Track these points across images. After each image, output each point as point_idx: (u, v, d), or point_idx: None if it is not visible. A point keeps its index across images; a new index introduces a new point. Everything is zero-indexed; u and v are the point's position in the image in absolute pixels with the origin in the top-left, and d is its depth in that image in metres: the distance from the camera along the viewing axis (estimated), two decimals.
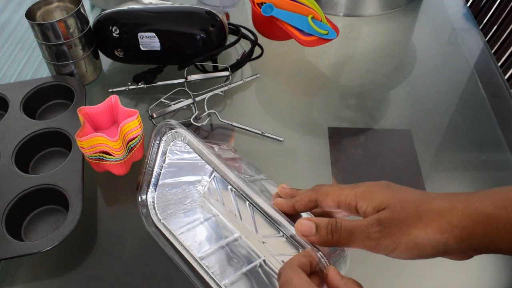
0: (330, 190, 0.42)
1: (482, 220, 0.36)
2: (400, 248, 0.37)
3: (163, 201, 0.57)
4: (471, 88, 0.82)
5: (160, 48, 0.76)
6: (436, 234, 0.36)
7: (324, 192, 0.43)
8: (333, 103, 0.81)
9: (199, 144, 0.50)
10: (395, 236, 0.37)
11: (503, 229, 0.35)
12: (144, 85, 0.77)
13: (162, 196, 0.57)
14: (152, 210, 0.56)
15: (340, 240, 0.39)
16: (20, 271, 0.57)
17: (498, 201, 0.36)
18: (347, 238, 0.39)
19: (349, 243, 0.39)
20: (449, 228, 0.36)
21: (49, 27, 0.70)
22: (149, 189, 0.56)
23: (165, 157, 0.54)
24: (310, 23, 0.79)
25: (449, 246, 0.36)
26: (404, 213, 0.37)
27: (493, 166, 0.69)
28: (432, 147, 0.72)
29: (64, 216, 0.57)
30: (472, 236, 0.36)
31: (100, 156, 0.61)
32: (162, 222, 0.55)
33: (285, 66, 0.87)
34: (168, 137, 0.53)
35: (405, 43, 0.94)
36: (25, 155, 0.66)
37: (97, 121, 0.67)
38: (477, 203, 0.36)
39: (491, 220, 0.35)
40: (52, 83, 0.75)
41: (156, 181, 0.56)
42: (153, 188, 0.56)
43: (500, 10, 1.31)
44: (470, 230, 0.36)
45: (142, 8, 0.77)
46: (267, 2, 0.80)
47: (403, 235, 0.36)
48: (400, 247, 0.37)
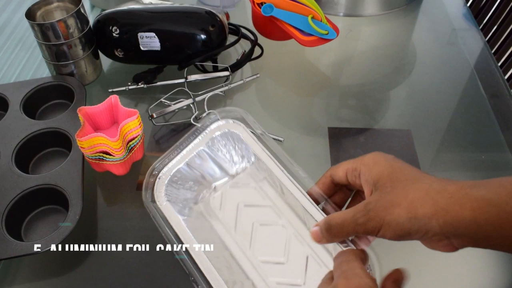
0: (342, 162, 0.46)
1: (471, 204, 0.35)
2: (384, 228, 0.38)
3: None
4: (471, 88, 0.82)
5: (160, 48, 0.76)
6: (418, 213, 0.36)
7: (336, 165, 0.46)
8: (333, 103, 0.81)
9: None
10: (379, 217, 0.38)
11: (494, 214, 0.35)
12: (144, 85, 0.77)
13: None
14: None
15: (338, 235, 0.42)
16: (20, 271, 0.57)
17: (491, 187, 0.36)
18: (341, 232, 0.41)
19: (347, 235, 0.42)
20: (434, 210, 0.36)
21: (49, 27, 0.70)
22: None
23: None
24: (310, 23, 0.79)
25: (431, 227, 0.36)
26: (391, 194, 0.39)
27: (493, 166, 0.69)
28: (432, 147, 0.72)
29: (64, 216, 0.57)
30: (457, 221, 0.35)
31: (100, 156, 0.61)
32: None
33: (285, 66, 0.87)
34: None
35: (405, 43, 0.94)
36: (25, 155, 0.66)
37: (97, 121, 0.67)
38: (468, 188, 0.36)
39: (481, 205, 0.35)
40: (52, 83, 0.75)
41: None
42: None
43: (500, 10, 1.31)
44: (456, 214, 0.35)
45: (142, 8, 0.77)
46: (267, 2, 0.80)
47: (386, 215, 0.38)
48: (384, 227, 0.38)
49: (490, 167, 0.69)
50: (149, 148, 0.70)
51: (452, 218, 0.36)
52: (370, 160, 0.43)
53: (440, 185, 0.37)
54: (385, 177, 0.40)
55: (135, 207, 0.65)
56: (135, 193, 0.65)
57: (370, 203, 0.40)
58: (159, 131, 0.73)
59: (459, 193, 0.36)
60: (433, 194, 0.37)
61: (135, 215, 0.63)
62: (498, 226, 0.34)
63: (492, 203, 0.35)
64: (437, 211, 0.36)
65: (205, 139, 0.59)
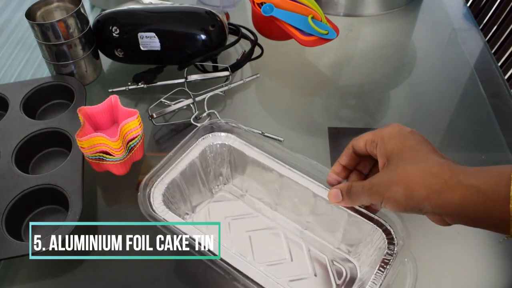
0: (363, 134, 0.49)
1: (461, 191, 0.39)
2: (384, 202, 0.43)
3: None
4: (471, 88, 0.82)
5: (160, 48, 0.76)
6: (413, 194, 0.41)
7: (358, 137, 0.50)
8: (333, 103, 0.81)
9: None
10: (380, 193, 0.43)
11: (481, 201, 0.38)
12: (144, 85, 0.77)
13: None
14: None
15: (355, 200, 0.47)
16: (20, 271, 0.57)
17: (481, 176, 0.39)
18: (356, 198, 0.47)
19: (360, 202, 0.48)
20: (427, 193, 0.40)
21: (49, 27, 0.70)
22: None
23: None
24: (310, 23, 0.79)
25: (423, 207, 0.41)
26: (394, 172, 0.43)
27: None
28: None
29: (64, 216, 0.57)
30: (447, 205, 0.39)
31: (100, 156, 0.61)
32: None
33: (285, 66, 0.87)
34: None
35: (405, 43, 0.94)
36: (25, 155, 0.66)
37: (97, 121, 0.67)
38: (462, 175, 0.39)
39: (470, 192, 0.38)
40: (52, 83, 0.75)
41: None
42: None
43: (500, 10, 1.31)
44: (446, 198, 0.39)
45: (142, 8, 0.77)
46: (267, 2, 0.80)
47: (386, 191, 0.43)
48: (384, 202, 0.43)
49: None
50: (149, 148, 0.70)
51: (443, 201, 0.40)
52: (386, 134, 0.46)
53: (438, 169, 0.41)
54: (395, 154, 0.44)
55: (135, 207, 0.65)
56: (135, 193, 0.65)
57: (375, 178, 0.45)
58: (159, 131, 0.73)
59: (452, 180, 0.39)
60: (429, 178, 0.40)
61: (135, 215, 0.63)
62: (484, 211, 0.38)
63: (481, 191, 0.38)
64: (430, 195, 0.40)
65: (195, 152, 0.59)
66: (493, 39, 1.34)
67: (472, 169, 0.40)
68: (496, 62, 0.87)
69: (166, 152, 0.58)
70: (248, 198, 0.62)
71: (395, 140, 0.45)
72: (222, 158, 0.61)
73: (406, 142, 0.45)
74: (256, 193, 0.62)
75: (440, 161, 0.42)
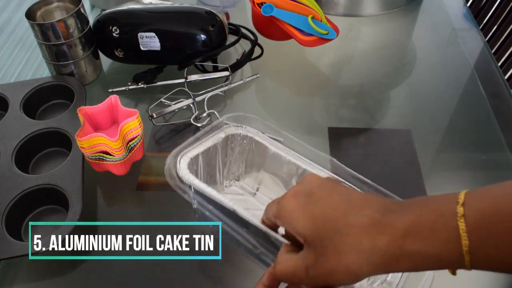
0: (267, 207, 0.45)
1: (407, 260, 0.34)
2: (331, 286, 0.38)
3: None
4: (471, 88, 0.82)
5: (160, 48, 0.76)
6: (359, 274, 0.36)
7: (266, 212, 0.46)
8: (333, 103, 0.81)
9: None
10: (323, 281, 0.37)
11: (431, 264, 0.35)
12: (144, 85, 0.77)
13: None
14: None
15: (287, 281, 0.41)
16: (20, 271, 0.57)
17: (426, 235, 0.34)
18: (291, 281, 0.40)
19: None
20: (372, 268, 0.35)
21: (49, 27, 0.70)
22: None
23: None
24: (310, 23, 0.79)
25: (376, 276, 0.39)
26: (325, 257, 0.37)
27: (493, 166, 0.69)
28: (432, 147, 0.72)
29: (64, 216, 0.57)
30: (398, 270, 0.39)
31: (100, 156, 0.61)
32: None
33: (285, 66, 0.87)
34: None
35: (405, 43, 0.94)
36: (25, 155, 0.66)
37: (97, 121, 0.67)
38: (402, 239, 0.34)
39: (417, 260, 0.34)
40: (52, 83, 0.75)
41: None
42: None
43: (500, 10, 1.31)
44: (395, 267, 0.35)
45: (142, 8, 0.77)
46: (267, 2, 0.80)
47: (328, 279, 0.37)
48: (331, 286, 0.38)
49: (490, 167, 0.69)
50: (149, 148, 0.70)
51: (392, 269, 0.37)
52: (286, 215, 0.41)
53: (369, 240, 0.35)
54: (310, 234, 0.38)
55: (135, 207, 0.65)
56: (135, 193, 0.65)
57: (309, 267, 0.38)
58: (159, 131, 0.73)
59: (392, 248, 0.34)
60: (365, 255, 0.35)
61: (135, 215, 0.63)
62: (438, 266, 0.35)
63: (429, 256, 0.33)
64: (376, 268, 0.35)
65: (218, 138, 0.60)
66: (493, 39, 1.34)
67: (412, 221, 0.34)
68: (496, 62, 0.87)
69: (166, 152, 0.58)
70: (258, 196, 0.62)
71: (300, 217, 0.39)
72: (240, 152, 0.62)
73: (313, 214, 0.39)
74: (267, 192, 0.62)
75: (364, 221, 0.36)
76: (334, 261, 0.36)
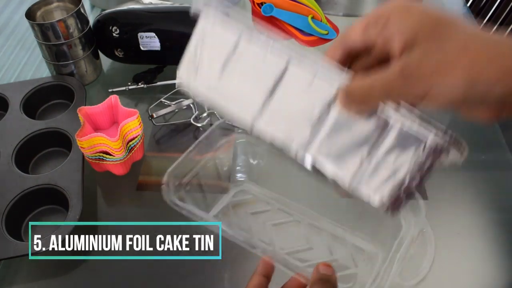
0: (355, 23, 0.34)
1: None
2: (431, 95, 0.30)
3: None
4: None
5: (160, 48, 0.76)
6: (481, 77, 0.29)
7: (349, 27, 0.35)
8: None
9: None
10: (425, 82, 0.30)
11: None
12: (144, 85, 0.77)
13: None
14: None
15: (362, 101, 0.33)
16: (20, 271, 0.57)
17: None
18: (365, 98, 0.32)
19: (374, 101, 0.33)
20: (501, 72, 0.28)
21: (49, 27, 0.70)
22: None
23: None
24: (310, 23, 0.79)
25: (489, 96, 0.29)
26: (442, 52, 0.29)
27: (493, 166, 0.69)
28: None
29: (64, 216, 0.57)
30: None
31: (100, 156, 0.61)
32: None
33: None
34: None
35: None
36: (25, 155, 0.66)
37: (97, 121, 0.67)
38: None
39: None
40: (52, 83, 0.75)
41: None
42: None
43: (500, 10, 1.31)
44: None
45: (142, 8, 0.77)
46: (267, 2, 0.80)
47: (437, 78, 0.30)
48: (431, 93, 0.30)
49: (490, 167, 0.69)
50: (149, 148, 0.70)
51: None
52: (401, 7, 0.31)
53: (500, 41, 0.29)
54: (427, 29, 0.30)
55: (135, 207, 0.65)
56: (135, 193, 0.65)
57: (408, 64, 0.30)
58: (159, 131, 0.73)
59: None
60: (496, 52, 0.29)
61: (135, 215, 0.63)
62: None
63: None
64: (502, 75, 0.28)
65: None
66: None
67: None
68: None
69: (166, 152, 0.58)
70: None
71: (418, 13, 0.31)
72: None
73: (433, 13, 0.31)
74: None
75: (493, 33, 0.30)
76: (455, 53, 0.29)
